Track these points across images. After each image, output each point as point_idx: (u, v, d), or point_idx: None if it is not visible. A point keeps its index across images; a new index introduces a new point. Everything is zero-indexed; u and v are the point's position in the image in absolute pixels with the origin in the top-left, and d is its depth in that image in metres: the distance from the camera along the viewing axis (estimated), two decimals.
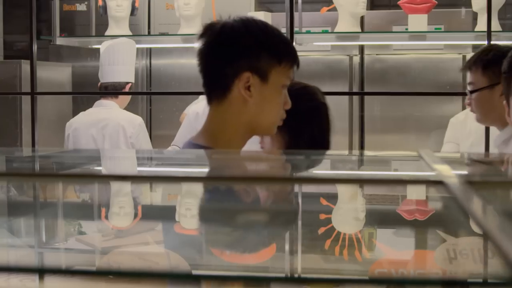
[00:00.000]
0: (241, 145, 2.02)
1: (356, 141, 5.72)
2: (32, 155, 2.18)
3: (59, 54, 5.75)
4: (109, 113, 4.29)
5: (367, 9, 6.46)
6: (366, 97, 5.67)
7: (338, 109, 5.75)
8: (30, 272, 1.19)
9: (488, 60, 2.84)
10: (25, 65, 4.97)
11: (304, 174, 1.29)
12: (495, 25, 4.45)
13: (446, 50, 5.44)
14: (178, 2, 4.70)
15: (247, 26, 1.99)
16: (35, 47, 3.53)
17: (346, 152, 3.72)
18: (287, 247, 1.00)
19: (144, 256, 1.13)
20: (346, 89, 5.65)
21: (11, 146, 4.80)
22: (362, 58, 5.64)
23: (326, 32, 4.85)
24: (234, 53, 1.95)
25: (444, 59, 5.54)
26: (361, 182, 1.06)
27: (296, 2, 5.01)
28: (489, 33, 3.11)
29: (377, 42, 5.26)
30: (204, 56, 1.99)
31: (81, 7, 5.86)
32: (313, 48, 5.60)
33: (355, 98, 5.67)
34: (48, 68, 5.33)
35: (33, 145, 3.51)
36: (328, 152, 2.01)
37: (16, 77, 4.90)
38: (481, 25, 4.49)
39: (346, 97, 5.68)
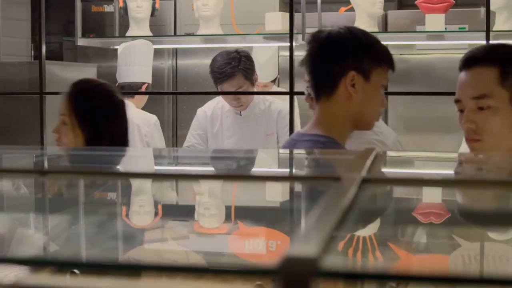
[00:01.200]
0: (347, 137, 2.29)
1: None
2: (42, 154, 2.24)
3: (86, 55, 5.87)
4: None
5: (394, 9, 6.44)
6: (390, 97, 5.65)
7: None
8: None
9: None
10: (50, 66, 5.08)
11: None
12: None
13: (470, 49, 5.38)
14: (196, 3, 4.76)
15: (352, 32, 2.25)
16: (43, 48, 3.62)
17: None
18: None
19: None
20: None
21: (34, 145, 4.90)
22: None
23: None
24: (342, 55, 2.21)
25: None
26: (256, 179, 1.09)
27: (315, 2, 5.04)
28: (487, 32, 3.09)
29: (395, 42, 5.24)
30: (314, 59, 2.27)
31: (109, 8, 5.97)
32: None
33: None
34: (73, 68, 5.43)
35: (42, 143, 3.60)
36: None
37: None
38: (499, 24, 4.45)
39: None
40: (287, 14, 4.83)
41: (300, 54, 5.92)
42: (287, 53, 5.80)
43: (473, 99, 2.01)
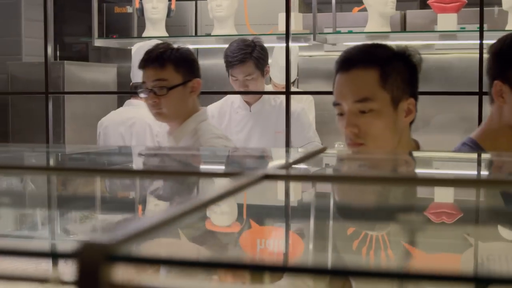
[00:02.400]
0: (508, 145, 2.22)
1: None
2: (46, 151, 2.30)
3: (108, 55, 5.97)
4: (137, 112, 4.42)
5: (417, 8, 6.42)
6: None
7: None
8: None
9: (178, 58, 2.91)
10: (68, 66, 5.19)
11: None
12: None
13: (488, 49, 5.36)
14: (211, 3, 4.82)
15: (507, 39, 2.20)
16: (49, 49, 3.69)
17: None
18: None
19: None
20: None
21: (55, 143, 5.00)
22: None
23: (361, 32, 4.86)
24: (493, 62, 2.19)
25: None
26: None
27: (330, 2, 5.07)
28: (481, 32, 3.08)
29: (409, 42, 5.23)
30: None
31: (131, 9, 6.06)
32: None
33: None
34: (93, 69, 5.53)
35: (47, 141, 3.69)
36: None
37: (60, 78, 5.12)
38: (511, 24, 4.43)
39: None
40: (300, 15, 4.87)
41: (314, 54, 5.93)
42: (306, 53, 5.85)
43: (355, 103, 1.95)
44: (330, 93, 5.14)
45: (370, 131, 1.94)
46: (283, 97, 4.18)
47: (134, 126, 4.40)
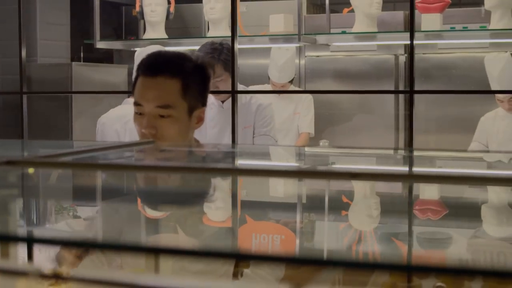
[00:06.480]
0: None
1: (402, 140, 5.77)
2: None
3: (122, 56, 6.23)
4: (132, 109, 4.63)
5: None
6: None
7: (384, 107, 5.84)
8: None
9: None
10: (76, 67, 5.45)
11: None
12: (507, 23, 4.41)
13: (491, 48, 5.39)
14: (205, 6, 5.00)
15: None
16: (24, 51, 3.94)
17: None
18: None
19: None
20: (392, 88, 5.73)
21: (62, 140, 5.25)
22: (411, 58, 5.68)
23: (348, 33, 4.97)
24: None
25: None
26: None
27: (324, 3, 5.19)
28: (411, 32, 3.18)
29: (393, 42, 5.33)
30: None
31: None
32: (358, 48, 5.73)
33: (401, 97, 5.72)
34: (102, 69, 5.78)
35: (22, 137, 3.92)
36: None
37: (68, 78, 5.38)
38: (494, 23, 4.47)
39: (392, 96, 5.76)
40: (290, 16, 5.01)
41: (321, 54, 6.01)
42: (313, 53, 5.97)
43: (157, 107, 2.12)
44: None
45: (167, 134, 2.13)
46: (253, 94, 4.33)
47: (129, 123, 4.61)
